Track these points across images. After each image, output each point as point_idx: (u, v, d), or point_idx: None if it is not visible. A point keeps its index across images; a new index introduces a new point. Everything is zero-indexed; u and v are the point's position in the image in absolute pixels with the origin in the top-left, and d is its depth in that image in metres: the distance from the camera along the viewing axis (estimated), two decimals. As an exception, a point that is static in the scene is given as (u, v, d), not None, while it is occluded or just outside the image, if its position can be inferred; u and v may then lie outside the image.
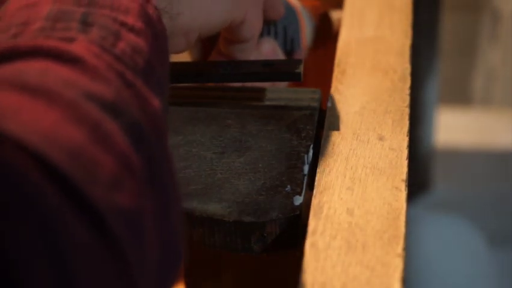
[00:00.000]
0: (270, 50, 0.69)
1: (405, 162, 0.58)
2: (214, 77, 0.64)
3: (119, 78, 0.43)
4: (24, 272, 0.33)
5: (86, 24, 0.45)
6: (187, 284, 0.64)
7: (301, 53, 0.72)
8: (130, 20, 0.47)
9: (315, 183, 0.56)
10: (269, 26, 0.70)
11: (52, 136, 0.37)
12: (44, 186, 0.35)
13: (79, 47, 0.43)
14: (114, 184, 0.38)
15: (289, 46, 0.71)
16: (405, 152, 0.59)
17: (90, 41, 0.44)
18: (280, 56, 0.70)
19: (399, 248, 0.51)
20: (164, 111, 0.46)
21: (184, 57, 0.70)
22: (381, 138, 0.60)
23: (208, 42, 0.69)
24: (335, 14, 0.79)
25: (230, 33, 0.64)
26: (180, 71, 0.64)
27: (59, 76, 0.41)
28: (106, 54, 0.44)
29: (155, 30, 0.49)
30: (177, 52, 0.60)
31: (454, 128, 1.58)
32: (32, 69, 0.41)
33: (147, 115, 0.43)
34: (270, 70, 0.63)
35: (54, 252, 0.35)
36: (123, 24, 0.46)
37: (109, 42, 0.45)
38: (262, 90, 0.66)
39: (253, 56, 0.67)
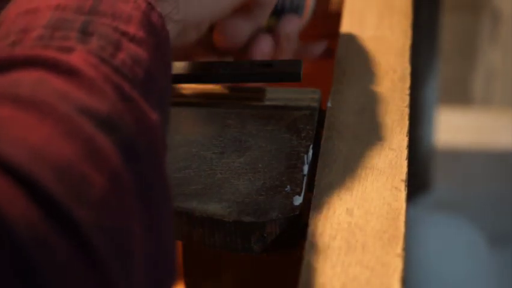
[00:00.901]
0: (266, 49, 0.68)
1: (404, 162, 0.58)
2: (214, 77, 0.64)
3: (116, 91, 0.42)
4: None
5: (85, 33, 0.44)
6: (187, 284, 0.64)
7: (304, 16, 0.71)
8: (132, 29, 0.46)
9: (315, 183, 0.56)
10: None
11: (40, 153, 0.36)
12: (26, 208, 0.34)
13: (77, 58, 0.42)
14: (102, 203, 0.37)
15: (295, 4, 0.70)
16: (405, 152, 0.59)
17: (88, 51, 0.43)
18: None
19: (399, 248, 0.51)
20: (163, 123, 0.45)
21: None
22: (380, 138, 0.60)
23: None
24: None
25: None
26: (180, 71, 0.64)
27: (54, 88, 0.40)
28: (104, 65, 0.43)
29: (158, 39, 0.48)
30: (188, 44, 0.59)
31: (454, 128, 1.58)
32: (27, 80, 0.40)
33: (143, 130, 0.42)
34: (269, 70, 0.63)
35: (33, 285, 0.33)
36: (124, 33, 0.46)
37: (108, 52, 0.44)
38: (262, 90, 0.66)
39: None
